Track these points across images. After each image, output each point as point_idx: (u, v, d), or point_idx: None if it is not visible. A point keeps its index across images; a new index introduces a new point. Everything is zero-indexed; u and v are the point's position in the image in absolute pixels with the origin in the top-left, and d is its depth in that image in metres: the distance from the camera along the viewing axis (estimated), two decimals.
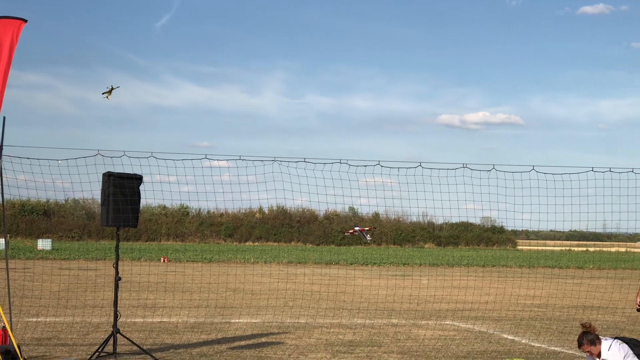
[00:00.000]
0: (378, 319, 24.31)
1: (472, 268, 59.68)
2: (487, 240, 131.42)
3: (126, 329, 18.97)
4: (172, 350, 17.11)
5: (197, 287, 35.61)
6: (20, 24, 14.70)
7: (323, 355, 16.95)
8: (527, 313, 27.19)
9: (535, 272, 57.06)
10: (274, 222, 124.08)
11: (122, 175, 15.05)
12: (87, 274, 42.69)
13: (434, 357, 17.04)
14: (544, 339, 20.26)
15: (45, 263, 52.00)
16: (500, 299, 31.24)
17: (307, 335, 20.22)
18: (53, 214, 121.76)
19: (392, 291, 34.03)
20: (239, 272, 45.32)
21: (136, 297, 29.27)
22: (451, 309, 27.94)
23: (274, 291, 33.20)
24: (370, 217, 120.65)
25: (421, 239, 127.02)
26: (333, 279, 41.96)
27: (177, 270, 48.27)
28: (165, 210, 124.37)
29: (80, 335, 19.11)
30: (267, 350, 17.55)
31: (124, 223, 15.06)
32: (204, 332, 20.33)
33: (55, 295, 28.03)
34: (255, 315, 24.47)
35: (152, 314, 24.40)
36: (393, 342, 19.18)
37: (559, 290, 37.17)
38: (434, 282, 40.82)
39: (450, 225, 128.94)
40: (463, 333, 21.39)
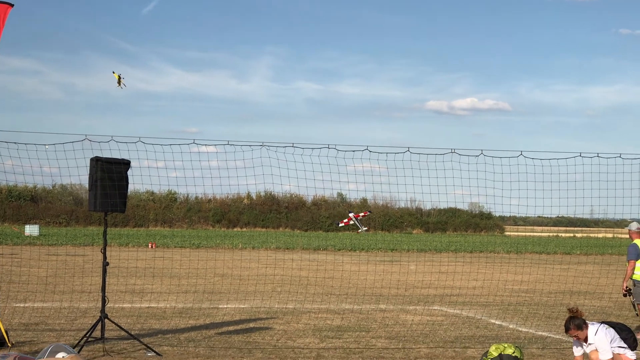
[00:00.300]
0: (366, 304, 24.34)
1: (460, 254, 59.79)
2: (475, 226, 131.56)
3: (114, 314, 18.96)
4: (160, 336, 17.11)
5: (185, 272, 35.61)
6: (7, 8, 14.65)
7: (311, 341, 16.97)
8: (515, 298, 27.27)
9: (522, 258, 57.21)
10: (262, 208, 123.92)
11: (110, 160, 14.99)
12: (74, 260, 42.62)
13: (422, 342, 17.07)
14: (532, 324, 20.33)
15: (32, 249, 51.86)
16: (487, 284, 31.33)
17: (295, 320, 20.24)
18: (40, 199, 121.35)
19: (380, 277, 34.07)
20: (227, 257, 45.31)
21: (124, 282, 29.23)
22: (439, 295, 28.00)
23: (262, 277, 33.21)
24: (359, 203, 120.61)
25: (409, 225, 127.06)
26: (321, 265, 41.99)
27: (165, 256, 48.23)
28: (153, 196, 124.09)
29: (68, 321, 19.08)
30: (255, 335, 17.56)
31: (112, 208, 15.01)
32: (192, 317, 20.34)
33: (43, 280, 27.98)
34: (244, 301, 24.48)
35: (140, 299, 24.38)
36: (381, 327, 19.22)
37: (547, 275, 37.29)
38: (422, 267, 40.89)
39: (438, 211, 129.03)
40: (451, 318, 21.44)
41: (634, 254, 18.45)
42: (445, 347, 16.49)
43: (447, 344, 16.90)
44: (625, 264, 19.11)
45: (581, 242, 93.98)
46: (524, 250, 68.39)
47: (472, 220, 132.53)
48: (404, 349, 16.13)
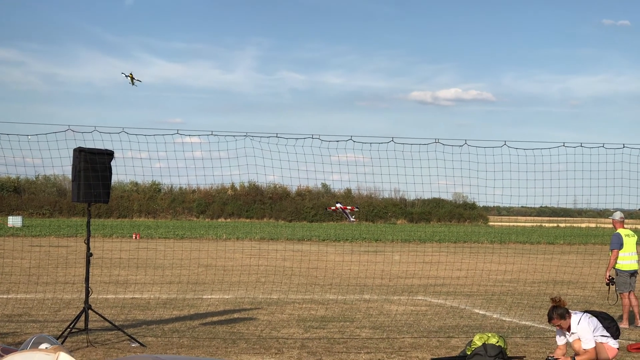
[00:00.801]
0: (350, 294, 24.37)
1: (444, 244, 59.91)
2: (459, 217, 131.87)
3: (98, 306, 18.92)
4: (144, 327, 17.09)
5: (169, 263, 35.57)
6: None
7: (295, 331, 16.98)
8: (498, 288, 27.36)
9: (506, 248, 57.38)
10: (246, 199, 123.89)
11: (93, 150, 14.94)
12: (58, 251, 42.51)
13: (406, 332, 17.11)
14: (515, 314, 20.40)
15: (15, 240, 51.72)
16: (471, 274, 31.42)
17: (279, 311, 20.25)
18: (23, 190, 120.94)
19: (364, 267, 34.13)
20: (211, 248, 45.26)
21: (108, 273, 29.17)
22: (423, 285, 28.06)
23: (246, 267, 33.20)
24: (342, 194, 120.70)
25: (393, 215, 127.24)
26: (305, 255, 42.02)
27: (149, 247, 48.16)
28: (137, 187, 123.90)
29: (51, 312, 19.04)
30: (240, 326, 17.56)
31: (95, 199, 14.96)
32: (176, 308, 20.32)
33: (26, 272, 27.89)
34: (228, 291, 24.48)
35: (124, 290, 24.34)
36: (365, 318, 19.25)
37: (530, 265, 37.40)
38: (406, 257, 40.96)
39: (422, 201, 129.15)
40: (435, 308, 21.49)
41: (617, 244, 18.53)
42: (429, 336, 16.53)
43: (431, 333, 16.94)
44: (609, 253, 19.19)
45: (564, 232, 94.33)
46: (508, 240, 68.61)
47: (456, 211, 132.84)
48: (388, 339, 16.16)
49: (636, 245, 18.87)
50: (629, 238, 18.69)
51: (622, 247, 18.54)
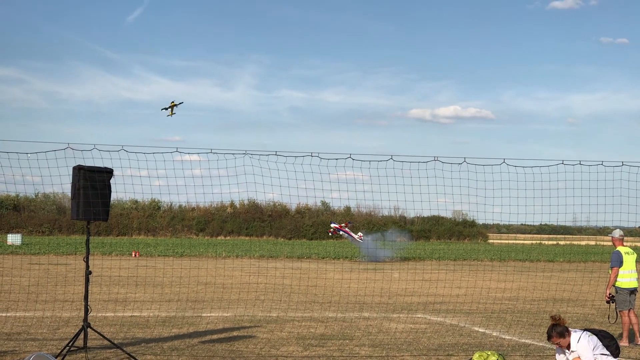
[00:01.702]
0: (349, 312, 24.34)
1: (444, 262, 59.86)
2: (459, 234, 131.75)
3: (97, 324, 18.89)
4: (143, 345, 17.07)
5: (169, 281, 35.52)
6: None
7: (295, 349, 16.96)
8: (498, 306, 27.32)
9: (506, 266, 57.33)
10: (245, 217, 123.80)
11: (93, 168, 14.95)
12: (57, 269, 42.46)
13: (406, 350, 17.08)
14: (515, 332, 20.37)
15: (15, 258, 51.67)
16: (471, 292, 31.38)
17: (278, 328, 20.22)
18: (23, 208, 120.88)
19: (363, 285, 34.07)
20: (210, 266, 45.23)
21: (107, 291, 29.14)
22: (422, 302, 28.03)
23: (245, 285, 33.16)
24: (342, 211, 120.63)
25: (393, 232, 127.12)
26: (305, 273, 41.97)
27: (148, 265, 48.11)
28: (136, 205, 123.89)
29: (50, 330, 19.01)
30: (239, 344, 17.54)
31: (95, 217, 14.96)
32: (175, 326, 20.29)
33: (25, 290, 27.86)
34: (227, 309, 24.44)
35: (123, 308, 24.31)
36: (364, 336, 19.22)
37: (530, 283, 37.37)
38: (405, 275, 40.93)
39: (421, 219, 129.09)
40: (434, 326, 21.46)
41: (617, 261, 18.53)
42: (429, 355, 16.50)
43: (430, 351, 16.92)
44: (608, 271, 19.19)
45: (564, 249, 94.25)
46: (507, 258, 68.54)
47: (455, 228, 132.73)
48: (387, 357, 16.13)
49: (636, 262, 18.87)
50: (628, 256, 18.69)
51: (622, 265, 18.53)
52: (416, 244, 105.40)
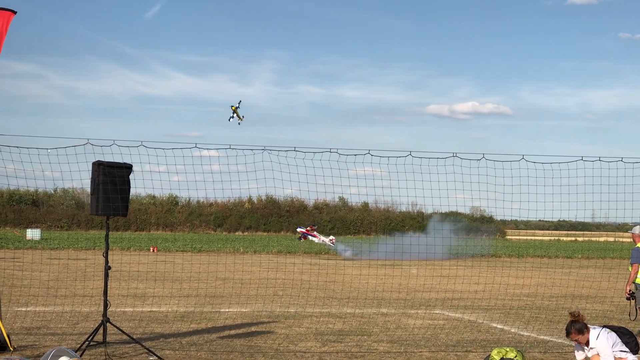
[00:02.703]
0: (367, 308, 24.35)
1: (462, 257, 59.75)
2: (477, 230, 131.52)
3: (116, 318, 18.95)
4: (162, 340, 17.12)
5: (187, 276, 35.60)
6: (10, 15, 14.74)
7: (313, 345, 16.98)
8: (516, 302, 27.27)
9: (524, 262, 57.19)
10: (263, 212, 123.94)
11: (112, 164, 15.00)
12: (76, 264, 42.63)
13: (424, 346, 17.08)
14: (533, 328, 20.33)
15: (34, 253, 51.93)
16: (489, 288, 31.31)
17: (297, 324, 20.24)
18: (42, 203, 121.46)
19: (381, 280, 34.07)
20: (228, 261, 45.32)
21: (126, 286, 29.25)
22: (440, 298, 28.00)
23: (263, 280, 33.20)
24: (360, 207, 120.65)
25: (410, 229, 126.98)
26: (322, 269, 42.01)
27: (166, 260, 48.24)
28: (155, 200, 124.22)
29: (69, 325, 19.10)
30: (257, 339, 17.57)
31: (114, 212, 15.02)
32: (193, 321, 20.34)
33: (45, 284, 28.00)
34: (245, 305, 24.48)
35: (142, 303, 24.39)
36: (383, 331, 19.22)
37: (548, 279, 37.28)
38: (423, 271, 40.90)
39: (439, 215, 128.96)
40: (452, 322, 21.44)
41: (637, 258, 18.42)
42: (447, 351, 16.49)
43: (448, 347, 16.91)
44: (629, 267, 19.10)
45: (582, 246, 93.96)
46: (525, 254, 68.35)
47: (473, 224, 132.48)
48: (405, 353, 16.14)
49: None
50: None
51: None
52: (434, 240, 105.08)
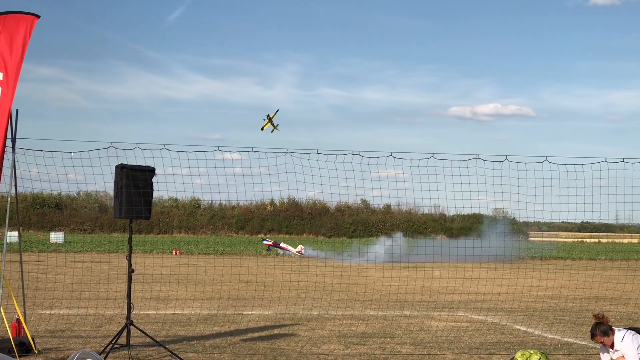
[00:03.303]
0: (390, 310, 24.32)
1: (484, 259, 59.52)
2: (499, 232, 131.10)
3: (139, 321, 19.01)
4: (185, 342, 17.16)
5: (210, 279, 35.68)
6: (33, 19, 14.82)
7: (336, 347, 16.97)
8: (540, 304, 27.17)
9: (547, 264, 56.96)
10: (285, 215, 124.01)
11: (135, 167, 15.06)
12: (99, 267, 42.81)
13: (447, 348, 17.04)
14: (557, 330, 20.25)
15: (58, 256, 52.16)
16: (512, 290, 31.20)
17: (319, 326, 20.24)
18: (65, 206, 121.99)
19: (404, 283, 34.01)
20: (251, 264, 45.36)
21: (149, 289, 29.32)
22: (463, 300, 27.94)
23: (286, 283, 33.21)
24: (382, 209, 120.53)
25: (433, 231, 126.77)
26: (345, 271, 41.97)
27: (189, 263, 48.36)
28: (177, 203, 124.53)
29: (93, 327, 19.18)
30: (280, 342, 17.58)
31: (137, 215, 15.07)
32: (216, 324, 20.38)
33: (69, 287, 28.12)
34: (268, 307, 24.51)
35: (165, 306, 24.46)
36: (406, 334, 19.19)
37: (571, 281, 37.12)
38: (446, 273, 40.81)
39: (462, 216, 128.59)
40: (476, 324, 21.38)
41: None
42: (471, 353, 16.45)
43: (472, 350, 16.86)
44: None
45: (606, 247, 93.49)
46: (548, 256, 68.06)
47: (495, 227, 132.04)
48: (429, 355, 16.10)
49: None
50: None
51: None
52: (457, 242, 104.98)
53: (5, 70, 14.39)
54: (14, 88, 14.41)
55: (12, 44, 14.49)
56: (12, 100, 14.45)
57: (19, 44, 14.52)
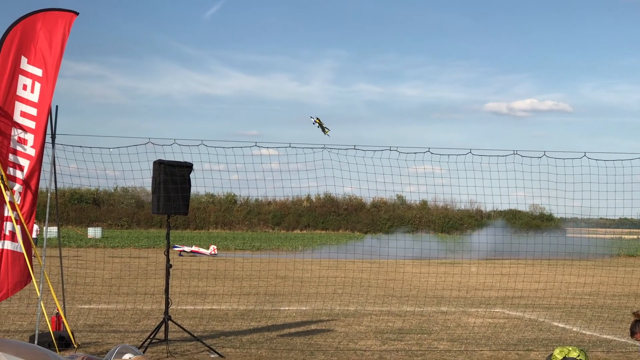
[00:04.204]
0: (427, 306, 24.27)
1: (522, 255, 59.21)
2: (536, 228, 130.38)
3: (177, 316, 19.11)
4: (222, 337, 17.22)
5: (247, 274, 35.77)
6: (72, 16, 14.96)
7: (373, 343, 16.96)
8: (578, 301, 27.00)
9: (585, 260, 56.52)
10: (321, 210, 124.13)
11: (173, 163, 15.13)
12: (137, 262, 43.08)
13: (484, 344, 16.97)
14: (596, 327, 20.10)
15: (96, 251, 52.56)
16: (550, 286, 31.03)
17: (356, 322, 20.24)
18: (102, 202, 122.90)
19: (441, 279, 33.92)
20: (287, 260, 45.44)
21: (186, 284, 29.48)
22: (501, 297, 27.81)
23: (322, 279, 33.26)
24: (418, 205, 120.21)
25: (469, 227, 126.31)
26: (381, 267, 41.95)
27: (226, 258, 48.53)
28: (213, 199, 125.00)
29: (131, 322, 19.30)
30: (317, 337, 17.59)
31: (175, 211, 15.15)
32: (253, 319, 20.43)
33: (107, 282, 28.32)
34: (305, 303, 24.53)
35: (202, 301, 24.57)
36: (443, 330, 19.14)
37: (610, 278, 36.84)
38: (483, 269, 40.64)
39: (498, 212, 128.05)
40: (513, 321, 21.29)
41: None
42: (508, 349, 16.37)
43: (509, 346, 16.78)
44: None
45: None
46: (587, 252, 67.46)
47: (532, 222, 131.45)
48: (466, 352, 16.05)
49: None
50: None
51: None
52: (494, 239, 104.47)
53: (44, 67, 14.53)
54: (53, 84, 14.54)
55: (52, 40, 14.63)
56: (52, 97, 14.59)
57: (58, 41, 14.65)
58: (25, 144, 14.43)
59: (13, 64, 14.22)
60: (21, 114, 14.36)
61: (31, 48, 14.44)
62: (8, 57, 14.19)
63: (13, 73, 14.22)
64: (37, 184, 14.72)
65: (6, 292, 14.36)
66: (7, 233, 14.26)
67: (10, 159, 14.31)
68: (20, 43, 14.34)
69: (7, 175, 14.15)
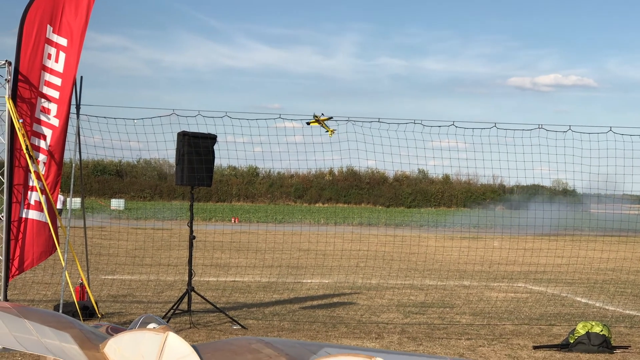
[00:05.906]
0: (449, 280, 24.26)
1: (546, 230, 59.03)
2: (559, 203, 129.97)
3: (199, 288, 19.18)
4: (245, 309, 17.29)
5: (269, 247, 35.84)
6: None
7: (395, 316, 16.98)
8: (601, 276, 26.94)
9: (609, 235, 56.27)
10: (343, 184, 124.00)
11: (197, 134, 15.14)
12: (160, 234, 43.23)
13: (507, 319, 16.96)
14: (619, 303, 20.04)
15: (120, 222, 52.77)
16: (573, 261, 30.92)
17: (378, 295, 20.26)
18: (125, 174, 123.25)
19: (463, 253, 33.85)
20: (310, 233, 45.47)
21: (209, 256, 29.57)
22: (523, 271, 27.77)
23: (345, 252, 33.25)
24: (441, 179, 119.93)
25: (491, 202, 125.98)
26: (404, 241, 41.91)
27: (250, 231, 48.62)
28: (235, 171, 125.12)
29: (154, 293, 19.40)
30: (339, 310, 17.63)
31: (199, 182, 15.18)
32: (276, 291, 20.49)
33: (130, 253, 28.44)
34: (327, 276, 24.58)
35: (225, 273, 24.64)
36: (465, 304, 19.13)
37: (634, 253, 36.69)
38: (506, 244, 40.53)
39: (520, 187, 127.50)
40: (535, 295, 21.25)
41: None
42: (531, 324, 16.35)
43: (532, 321, 16.76)
44: None
45: None
46: (610, 228, 67.20)
47: (555, 197, 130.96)
48: (489, 326, 16.04)
49: None
50: None
51: None
52: (518, 213, 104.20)
53: (70, 37, 14.49)
54: (78, 54, 14.53)
55: (77, 9, 14.57)
56: (77, 67, 14.57)
57: (83, 10, 14.60)
58: (49, 114, 14.44)
59: (38, 33, 14.16)
60: (45, 83, 14.35)
61: (57, 17, 14.40)
62: (33, 25, 14.11)
63: (38, 42, 14.18)
64: (62, 155, 14.74)
65: (31, 262, 14.45)
66: (33, 203, 14.32)
67: (34, 128, 14.34)
68: (45, 11, 14.27)
69: (31, 145, 14.17)
